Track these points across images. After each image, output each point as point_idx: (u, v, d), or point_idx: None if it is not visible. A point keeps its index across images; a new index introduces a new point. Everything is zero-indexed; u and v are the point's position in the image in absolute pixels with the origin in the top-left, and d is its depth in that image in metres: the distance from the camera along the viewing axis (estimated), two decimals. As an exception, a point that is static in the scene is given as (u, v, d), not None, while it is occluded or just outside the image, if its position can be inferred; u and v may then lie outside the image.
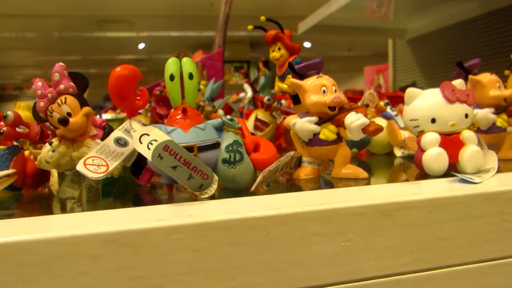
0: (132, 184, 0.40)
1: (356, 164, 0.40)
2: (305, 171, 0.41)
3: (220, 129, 0.36)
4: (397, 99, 0.83)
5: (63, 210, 0.33)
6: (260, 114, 0.63)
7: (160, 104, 0.50)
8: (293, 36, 0.50)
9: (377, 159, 0.55)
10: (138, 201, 0.38)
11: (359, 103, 0.52)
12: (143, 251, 0.26)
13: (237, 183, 0.34)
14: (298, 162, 0.42)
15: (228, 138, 0.35)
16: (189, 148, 0.32)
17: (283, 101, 0.68)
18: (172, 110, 0.37)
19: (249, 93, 1.01)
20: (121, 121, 0.61)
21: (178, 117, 0.35)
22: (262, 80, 1.00)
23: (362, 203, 0.29)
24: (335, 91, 0.39)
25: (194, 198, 0.32)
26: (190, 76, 0.36)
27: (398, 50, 1.62)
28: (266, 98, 0.62)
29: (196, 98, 0.38)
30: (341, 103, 0.38)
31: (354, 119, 0.36)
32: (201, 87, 0.80)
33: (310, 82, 0.39)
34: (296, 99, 0.48)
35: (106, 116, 0.65)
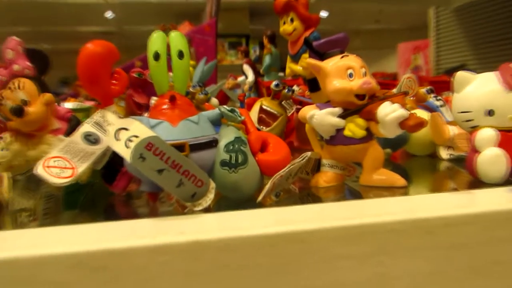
0: (103, 192, 0.41)
1: (390, 169, 0.40)
2: (326, 177, 0.41)
3: (217, 122, 0.37)
4: (441, 86, 0.83)
5: (16, 225, 0.34)
6: (266, 103, 0.63)
7: (138, 90, 0.51)
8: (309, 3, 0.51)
9: (417, 162, 0.56)
10: (111, 214, 0.38)
11: (395, 90, 0.53)
12: (122, 276, 0.26)
13: (240, 191, 0.35)
14: (317, 166, 0.42)
15: (228, 135, 0.35)
16: (179, 147, 0.32)
17: (295, 88, 0.69)
18: (156, 98, 0.38)
19: (250, 76, 1.01)
20: (87, 111, 0.61)
21: (165, 106, 0.35)
22: (266, 60, 1.01)
23: (398, 218, 0.30)
24: (365, 74, 0.39)
25: (184, 211, 0.33)
26: (180, 54, 0.36)
27: (442, 21, 1.62)
28: (273, 83, 0.62)
29: (187, 83, 0.39)
30: (372, 90, 0.39)
31: (389, 111, 0.37)
32: (189, 68, 0.82)
33: (332, 64, 0.40)
34: (313, 84, 0.48)
35: (67, 105, 0.66)
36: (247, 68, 1.03)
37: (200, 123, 0.35)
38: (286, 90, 0.62)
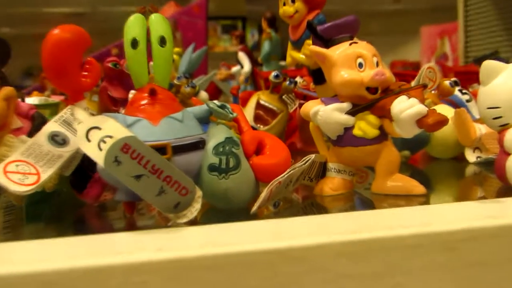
0: (72, 202, 0.41)
1: (408, 174, 0.41)
2: (332, 184, 0.42)
3: (205, 120, 0.37)
4: (470, 77, 0.84)
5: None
6: (264, 98, 0.64)
7: (114, 83, 0.51)
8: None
9: (439, 166, 0.57)
10: (82, 228, 0.39)
11: (413, 83, 0.53)
12: (93, 300, 0.26)
13: (231, 200, 0.35)
14: (322, 171, 0.43)
15: (217, 135, 0.36)
16: (160, 149, 0.33)
17: (298, 79, 0.69)
18: (134, 92, 0.38)
19: (246, 66, 1.02)
20: (54, 108, 0.61)
21: (144, 102, 0.36)
22: (265, 46, 1.02)
23: (416, 232, 0.30)
24: (377, 64, 0.40)
25: (167, 224, 0.33)
26: (162, 41, 0.36)
27: (472, 1, 1.63)
28: (272, 74, 0.63)
29: (170, 74, 0.39)
30: (385, 82, 0.39)
31: (405, 107, 0.37)
32: (174, 57, 0.82)
33: (339, 52, 0.40)
34: (318, 76, 0.49)
35: (31, 100, 0.66)
36: (242, 56, 1.04)
37: (185, 121, 0.35)
38: (288, 82, 0.63)
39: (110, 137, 0.31)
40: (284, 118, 0.64)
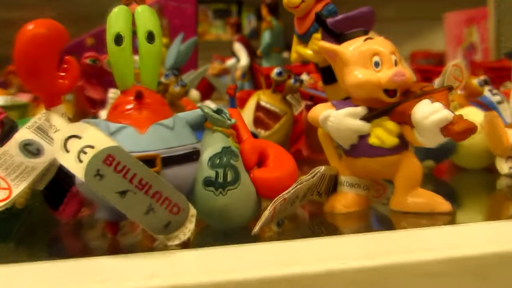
0: (46, 220, 0.41)
1: (432, 188, 0.41)
2: (345, 200, 0.42)
3: (199, 127, 0.38)
4: (501, 74, 0.84)
5: None
6: (265, 98, 0.64)
7: (92, 81, 0.52)
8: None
9: (467, 178, 0.57)
10: (57, 250, 0.39)
11: (437, 82, 0.53)
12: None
13: (229, 219, 0.36)
14: (333, 185, 0.43)
15: (213, 144, 0.36)
16: (149, 161, 0.33)
17: (304, 77, 0.70)
18: (115, 90, 0.38)
19: (244, 59, 1.03)
20: (22, 109, 0.62)
21: (129, 106, 0.36)
22: (266, 37, 1.02)
23: (441, 256, 0.30)
24: (396, 63, 0.41)
25: (155, 246, 0.34)
26: (150, 37, 0.37)
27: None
28: (275, 71, 0.63)
29: (158, 74, 0.40)
30: (405, 83, 0.40)
31: (428, 112, 0.38)
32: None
33: (353, 48, 0.41)
34: (327, 74, 0.49)
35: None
36: (239, 48, 1.05)
37: (176, 129, 0.36)
38: (292, 81, 0.63)
39: (91, 147, 0.32)
40: (288, 122, 0.64)
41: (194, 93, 0.78)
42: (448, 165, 0.61)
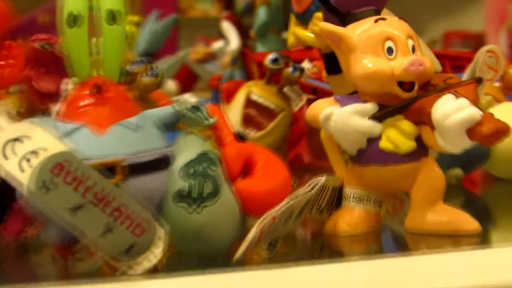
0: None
1: (459, 203, 0.42)
2: (351, 218, 0.43)
3: (171, 127, 0.38)
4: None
5: None
6: (257, 91, 0.64)
7: (42, 70, 0.52)
8: None
9: (502, 190, 0.57)
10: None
11: (465, 75, 0.53)
12: None
13: (206, 242, 0.36)
14: (336, 199, 0.44)
15: (188, 149, 0.37)
16: (108, 169, 0.33)
17: (306, 64, 0.70)
18: (68, 81, 0.38)
19: (234, 41, 1.03)
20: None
21: (85, 102, 0.36)
22: (261, 14, 1.02)
23: (467, 285, 0.31)
24: (413, 49, 0.41)
25: (115, 273, 0.34)
26: (111, 17, 0.37)
27: None
28: (269, 57, 0.63)
29: (121, 61, 0.40)
30: (424, 74, 0.40)
31: (452, 110, 0.38)
32: (129, 29, 0.82)
33: (361, 31, 0.41)
34: (332, 63, 0.49)
35: None
36: (228, 28, 1.05)
37: (143, 130, 0.36)
38: (291, 69, 0.63)
39: (37, 152, 0.32)
40: (286, 120, 0.64)
41: (171, 85, 0.78)
42: (480, 174, 0.61)
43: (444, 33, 2.03)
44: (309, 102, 0.65)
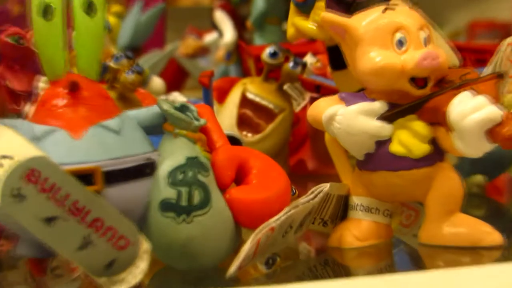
0: None
1: (479, 214, 0.43)
2: (358, 230, 0.43)
3: (156, 130, 0.39)
4: None
5: None
6: (254, 89, 0.64)
7: (14, 67, 0.52)
8: None
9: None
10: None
11: (486, 70, 0.54)
12: None
13: (196, 257, 0.37)
14: (342, 209, 0.44)
15: (175, 153, 0.37)
16: (86, 176, 0.34)
17: (309, 58, 0.70)
18: (43, 79, 0.39)
19: (228, 33, 1.03)
20: None
21: (60, 102, 0.37)
22: (259, 3, 1.02)
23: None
24: (427, 41, 0.42)
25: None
26: (89, 6, 0.38)
27: None
28: (267, 50, 0.63)
29: (101, 54, 0.40)
30: (439, 69, 0.41)
31: (469, 109, 0.38)
32: (111, 20, 0.82)
33: (368, 21, 0.42)
34: (336, 57, 0.50)
35: None
36: (221, 18, 1.05)
37: (124, 132, 0.37)
38: (291, 64, 0.63)
39: (8, 158, 0.32)
40: (286, 122, 0.64)
41: (157, 83, 0.77)
42: (505, 181, 0.61)
43: (468, 23, 2.02)
44: (312, 101, 0.64)
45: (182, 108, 0.39)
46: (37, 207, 0.32)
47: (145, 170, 0.36)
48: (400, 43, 0.41)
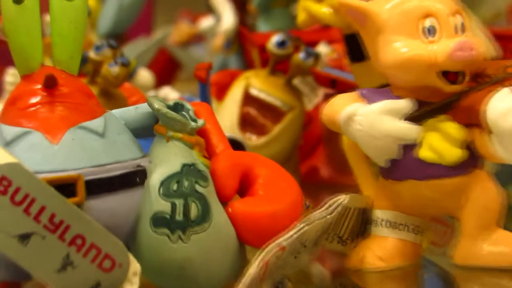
0: None
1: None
2: (383, 250, 0.43)
3: (146, 132, 0.39)
4: None
5: None
6: (259, 84, 0.64)
7: None
8: None
9: None
10: None
11: None
12: None
13: (193, 280, 0.37)
14: (363, 225, 0.45)
15: (168, 160, 0.37)
16: (65, 186, 0.34)
17: (323, 49, 0.70)
18: (12, 72, 0.39)
19: (228, 18, 1.03)
20: None
21: (35, 100, 0.37)
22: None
23: None
24: (460, 29, 0.42)
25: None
26: None
27: None
28: (274, 39, 0.64)
29: (82, 43, 0.40)
30: (476, 61, 0.41)
31: (509, 108, 0.39)
32: (89, 2, 0.82)
33: (391, 6, 0.42)
34: (355, 47, 0.50)
35: None
36: (220, 0, 1.05)
37: (110, 135, 0.37)
38: (302, 55, 0.63)
39: None
40: (296, 122, 0.65)
41: (145, 76, 0.78)
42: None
43: (509, 6, 2.02)
44: (327, 98, 0.64)
45: (177, 106, 0.39)
46: (8, 222, 0.32)
47: (134, 179, 0.37)
48: (430, 31, 0.41)
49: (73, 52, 0.39)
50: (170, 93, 0.76)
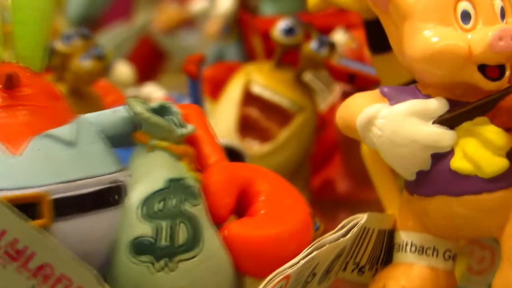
0: None
1: None
2: (409, 279, 0.44)
3: (125, 140, 0.40)
4: None
5: None
6: (262, 79, 0.65)
7: None
8: None
9: None
10: None
11: None
12: None
13: None
14: (386, 250, 0.45)
15: (151, 174, 0.38)
16: (28, 206, 0.34)
17: (339, 37, 0.70)
18: None
19: (224, 1, 1.04)
20: None
21: None
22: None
23: None
24: (502, 14, 0.43)
25: None
26: None
27: None
28: (280, 25, 0.64)
29: (49, 34, 0.41)
30: None
31: None
32: None
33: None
34: (377, 35, 0.51)
35: None
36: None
37: (81, 145, 0.38)
38: (314, 44, 0.64)
39: None
40: (307, 126, 0.66)
41: (124, 70, 0.78)
42: None
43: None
44: (344, 97, 0.63)
45: (161, 109, 0.39)
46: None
47: (110, 197, 0.37)
48: (466, 16, 0.42)
49: (37, 45, 0.40)
50: (154, 91, 0.76)
